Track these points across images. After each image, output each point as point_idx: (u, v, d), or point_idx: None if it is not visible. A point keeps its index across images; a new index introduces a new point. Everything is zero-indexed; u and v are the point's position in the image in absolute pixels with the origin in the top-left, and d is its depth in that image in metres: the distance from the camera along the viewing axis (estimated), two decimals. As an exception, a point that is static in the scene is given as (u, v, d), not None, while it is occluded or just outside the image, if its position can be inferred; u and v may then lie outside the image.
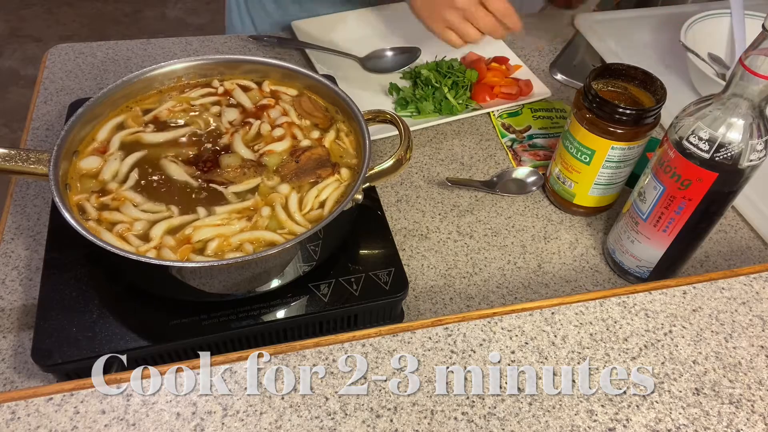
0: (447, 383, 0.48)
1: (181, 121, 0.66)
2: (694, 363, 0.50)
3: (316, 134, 0.67)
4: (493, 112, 0.88)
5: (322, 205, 0.60)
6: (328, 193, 0.61)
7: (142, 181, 0.60)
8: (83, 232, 0.51)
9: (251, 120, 0.67)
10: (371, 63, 0.93)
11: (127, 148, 0.63)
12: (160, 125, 0.65)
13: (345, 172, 0.63)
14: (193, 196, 0.59)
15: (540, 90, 0.89)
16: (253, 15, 1.08)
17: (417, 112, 0.86)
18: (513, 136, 0.85)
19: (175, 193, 0.59)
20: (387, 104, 0.88)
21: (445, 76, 0.88)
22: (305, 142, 0.65)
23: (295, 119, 0.68)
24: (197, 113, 0.67)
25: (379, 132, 0.80)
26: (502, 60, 0.92)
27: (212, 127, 0.66)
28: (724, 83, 0.54)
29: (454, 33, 0.79)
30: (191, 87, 0.70)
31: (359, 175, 0.59)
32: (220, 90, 0.70)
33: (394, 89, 0.88)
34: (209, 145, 0.64)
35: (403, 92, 0.88)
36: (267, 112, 0.68)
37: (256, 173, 0.61)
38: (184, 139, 0.64)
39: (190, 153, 0.63)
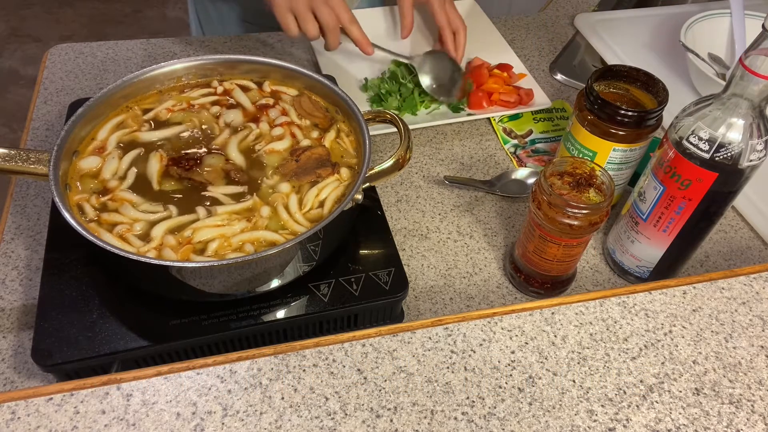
0: (447, 383, 0.48)
1: (180, 120, 0.66)
2: (694, 363, 0.50)
3: (315, 134, 0.67)
4: (493, 117, 0.88)
5: (321, 204, 0.60)
6: (328, 192, 0.61)
7: (138, 174, 0.61)
8: (83, 232, 0.51)
9: (251, 125, 0.66)
10: None
11: (125, 147, 0.63)
12: (159, 124, 0.66)
13: (345, 172, 0.63)
14: (173, 193, 0.60)
15: (541, 100, 0.88)
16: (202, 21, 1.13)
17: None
18: (515, 141, 0.85)
19: (161, 192, 0.60)
20: (362, 99, 0.88)
21: (412, 74, 0.88)
22: (305, 142, 0.66)
23: (295, 119, 0.68)
24: (196, 112, 0.67)
25: (379, 128, 0.80)
26: (505, 67, 0.91)
27: (209, 128, 0.66)
28: (724, 83, 0.54)
29: (293, 19, 0.80)
30: (191, 87, 0.70)
31: (359, 175, 0.59)
32: (220, 90, 0.70)
33: (370, 86, 0.89)
34: (202, 145, 0.64)
35: (370, 83, 0.88)
36: (266, 111, 0.68)
37: (237, 177, 0.61)
38: (181, 137, 0.64)
39: (181, 151, 0.63)
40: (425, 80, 0.87)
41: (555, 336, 0.51)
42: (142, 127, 0.65)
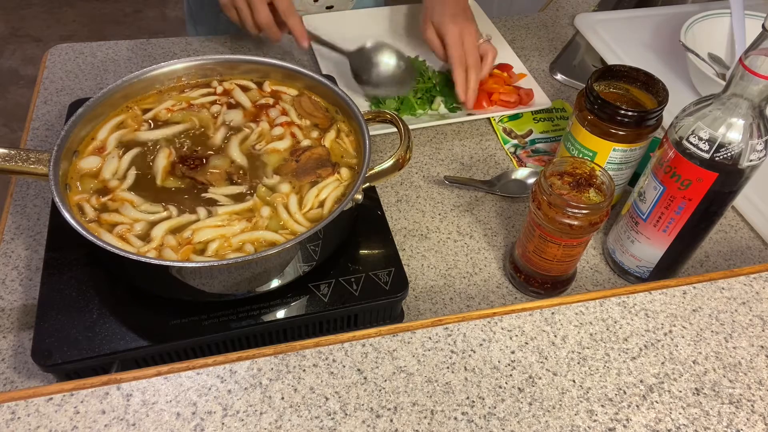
0: (447, 383, 0.48)
1: (179, 120, 0.66)
2: (694, 363, 0.50)
3: (315, 134, 0.67)
4: (493, 117, 0.88)
5: (321, 204, 0.60)
6: (328, 192, 0.61)
7: (138, 174, 0.61)
8: (83, 232, 0.51)
9: (252, 125, 0.66)
10: (366, 76, 0.86)
11: (125, 146, 0.63)
12: (159, 124, 0.66)
13: (345, 172, 0.63)
14: (174, 192, 0.60)
15: (541, 100, 0.88)
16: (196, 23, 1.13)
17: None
18: (515, 141, 0.85)
19: (162, 189, 0.60)
20: (361, 99, 0.88)
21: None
22: (305, 142, 0.66)
23: (295, 119, 0.68)
24: (196, 112, 0.67)
25: (379, 128, 0.80)
26: (505, 67, 0.91)
27: (208, 128, 0.66)
28: (724, 83, 0.54)
29: (235, 12, 0.82)
30: (191, 87, 0.70)
31: (359, 175, 0.59)
32: (219, 90, 0.70)
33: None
34: (201, 146, 0.64)
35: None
36: (267, 111, 0.68)
37: (239, 179, 0.61)
38: (180, 137, 0.64)
39: (185, 150, 0.63)
40: (377, 70, 0.85)
41: (555, 336, 0.51)
42: (141, 127, 0.65)
